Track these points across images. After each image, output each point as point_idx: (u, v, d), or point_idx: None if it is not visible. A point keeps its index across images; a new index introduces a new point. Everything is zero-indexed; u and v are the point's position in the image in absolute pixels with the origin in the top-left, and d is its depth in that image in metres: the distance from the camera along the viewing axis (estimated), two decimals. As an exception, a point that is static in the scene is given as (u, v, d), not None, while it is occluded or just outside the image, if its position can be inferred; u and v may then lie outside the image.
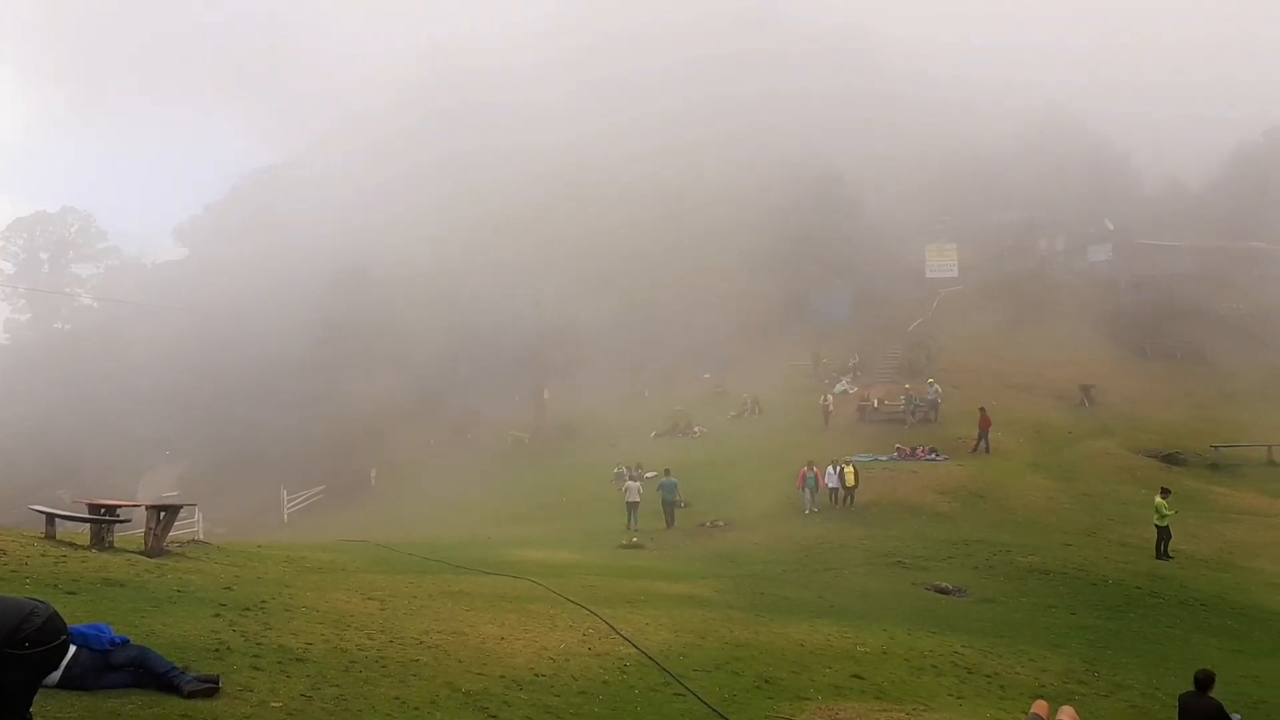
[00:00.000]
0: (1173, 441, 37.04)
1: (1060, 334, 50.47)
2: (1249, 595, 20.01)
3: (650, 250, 64.90)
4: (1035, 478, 31.30)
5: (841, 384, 45.45)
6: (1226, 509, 29.36)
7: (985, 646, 13.91)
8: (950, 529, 25.78)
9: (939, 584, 19.54)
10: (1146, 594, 19.42)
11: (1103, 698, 12.20)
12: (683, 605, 15.06)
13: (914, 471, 31.30)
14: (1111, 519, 27.38)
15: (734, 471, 35.63)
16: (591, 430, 48.89)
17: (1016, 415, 39.67)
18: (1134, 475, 32.77)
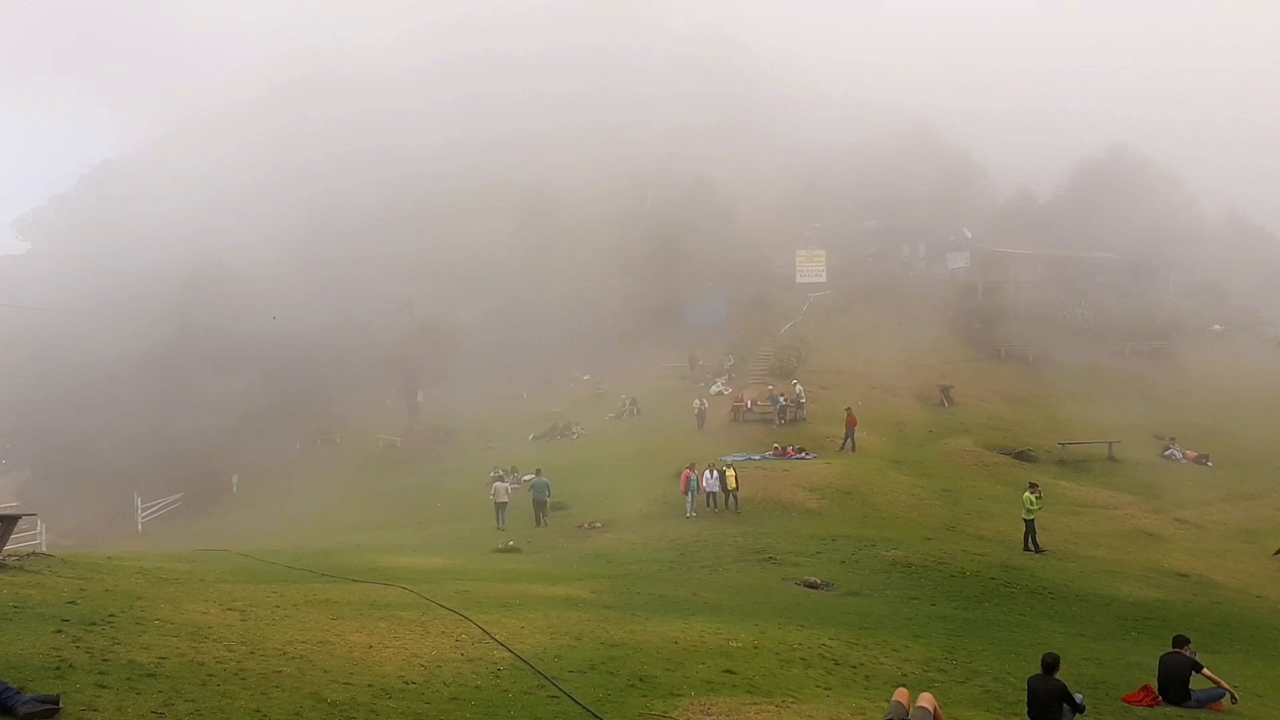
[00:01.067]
0: (1024, 439, 39.15)
1: (921, 337, 52.71)
2: (1091, 583, 21.37)
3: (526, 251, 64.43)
4: (898, 475, 32.54)
5: (717, 385, 46.20)
6: (1072, 502, 31.24)
7: (851, 638, 14.37)
8: (819, 525, 26.55)
9: (808, 579, 20.10)
10: (1000, 584, 20.47)
11: (960, 684, 12.78)
12: (559, 607, 14.98)
13: (785, 470, 32.08)
14: (969, 513, 28.74)
15: (612, 473, 35.75)
16: (467, 433, 48.20)
17: (881, 415, 41.18)
18: (989, 471, 34.53)
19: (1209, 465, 38.60)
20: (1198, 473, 37.57)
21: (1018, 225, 67.14)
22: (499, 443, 44.47)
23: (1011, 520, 27.86)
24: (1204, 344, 58.64)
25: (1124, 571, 22.92)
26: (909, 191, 66.60)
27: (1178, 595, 20.94)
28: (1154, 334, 57.65)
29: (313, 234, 68.97)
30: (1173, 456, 39.27)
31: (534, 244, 62.01)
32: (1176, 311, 62.92)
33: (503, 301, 61.20)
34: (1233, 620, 19.21)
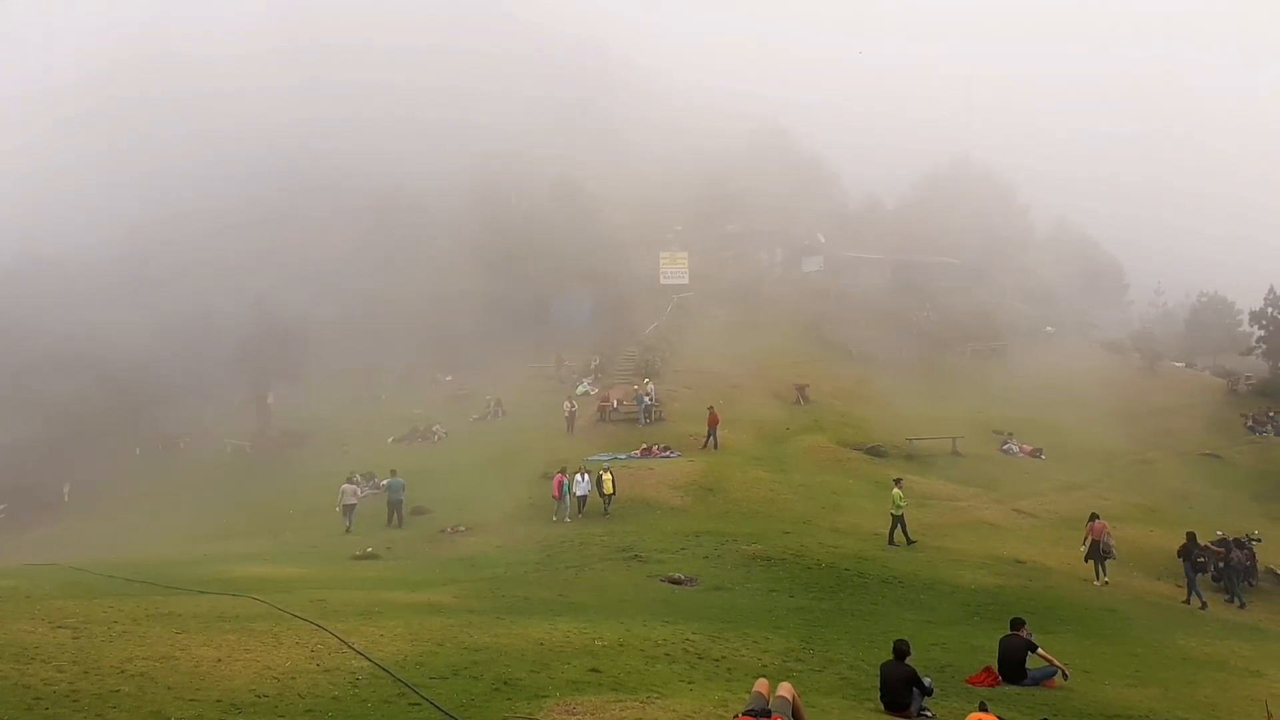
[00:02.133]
0: (875, 435, 40.80)
1: (778, 338, 54.28)
2: (938, 571, 22.43)
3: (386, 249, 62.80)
4: (758, 471, 33.34)
5: (583, 386, 46.26)
6: (920, 495, 32.67)
7: (714, 632, 14.61)
8: (683, 522, 26.92)
9: (673, 575, 20.33)
10: (854, 575, 21.24)
11: (817, 672, 13.18)
12: (420, 614, 14.63)
13: (650, 469, 32.38)
14: (824, 507, 29.71)
15: (477, 475, 35.23)
16: (323, 436, 46.54)
17: (741, 413, 42.12)
18: (843, 466, 35.82)
19: (1043, 458, 41.25)
20: (1033, 465, 40.09)
21: (868, 231, 70.14)
22: (356, 446, 43.11)
23: (864, 513, 29.08)
24: (1037, 344, 62.78)
25: (967, 560, 24.17)
26: (766, 197, 68.54)
27: (1015, 581, 22.24)
28: (992, 335, 61.24)
29: (146, 223, 64.98)
30: (1010, 450, 41.79)
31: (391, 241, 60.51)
32: (1012, 314, 67.02)
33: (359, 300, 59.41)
34: (1064, 603, 20.55)
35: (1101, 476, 38.93)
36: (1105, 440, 45.50)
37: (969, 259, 69.62)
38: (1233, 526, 29.11)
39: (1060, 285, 75.45)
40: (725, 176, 69.67)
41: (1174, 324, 76.10)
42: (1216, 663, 16.55)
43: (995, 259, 72.14)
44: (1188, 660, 16.56)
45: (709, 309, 57.81)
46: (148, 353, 55.55)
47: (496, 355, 55.18)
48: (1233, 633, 19.80)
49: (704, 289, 59.82)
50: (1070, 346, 64.54)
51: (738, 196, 69.64)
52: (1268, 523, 33.44)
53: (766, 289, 61.81)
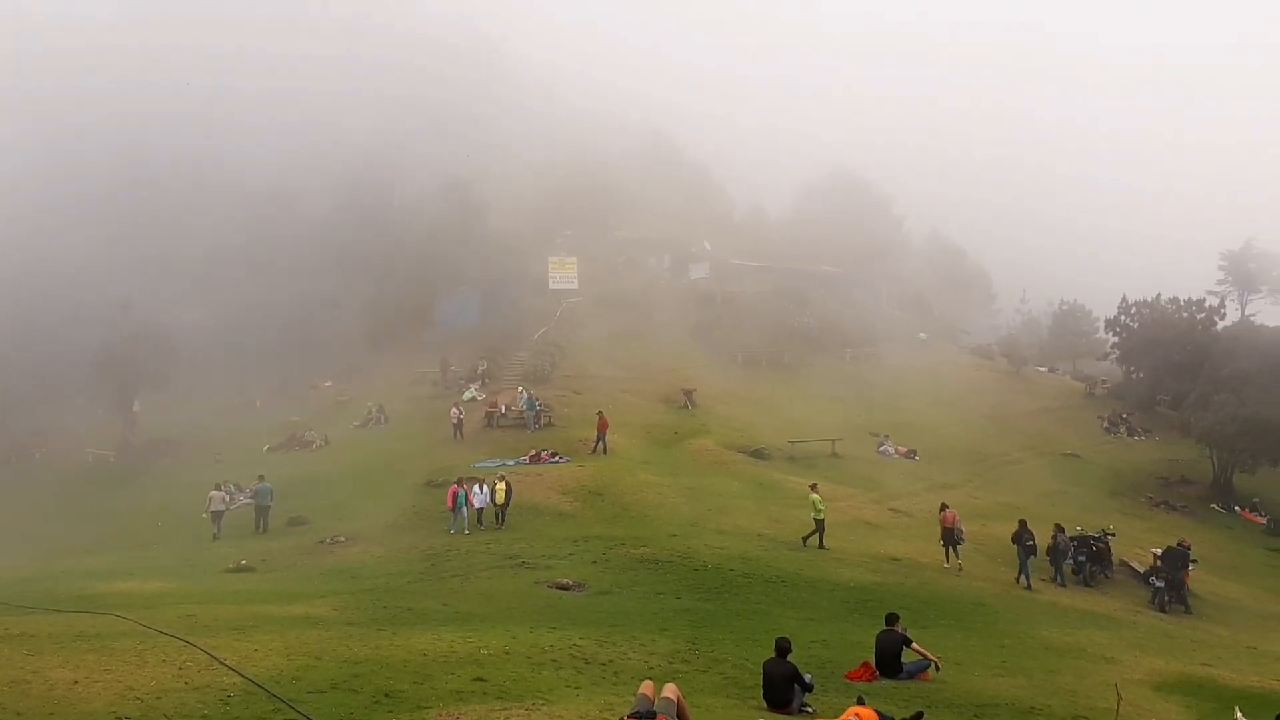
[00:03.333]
0: (759, 438, 41.57)
1: (667, 343, 54.79)
2: (819, 570, 23.01)
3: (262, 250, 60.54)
4: (646, 475, 33.53)
5: (470, 391, 45.60)
6: (802, 496, 33.30)
7: (601, 636, 14.60)
8: (572, 527, 26.83)
9: (560, 581, 20.24)
10: (739, 575, 21.56)
11: (702, 673, 13.33)
12: (297, 627, 14.13)
13: (539, 474, 32.15)
14: (711, 509, 30.09)
15: (358, 484, 34.32)
16: (194, 445, 44.52)
17: (629, 417, 42.31)
18: (729, 469, 36.36)
19: (916, 459, 42.88)
20: (907, 466, 41.62)
21: (752, 239, 71.55)
22: (231, 455, 41.39)
23: (749, 514, 29.61)
24: (911, 350, 65.26)
25: (847, 559, 24.87)
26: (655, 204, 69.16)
27: (892, 578, 23.02)
28: (870, 340, 63.32)
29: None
30: (886, 452, 43.29)
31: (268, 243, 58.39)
32: (888, 320, 69.47)
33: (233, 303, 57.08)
34: (937, 598, 21.39)
35: (972, 476, 40.74)
36: (975, 441, 47.66)
37: (848, 267, 71.83)
38: (1091, 522, 30.93)
39: (933, 293, 78.68)
40: (614, 183, 69.95)
41: (1037, 331, 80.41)
42: (1076, 651, 17.50)
43: (872, 268, 74.63)
44: (1050, 649, 17.45)
45: (598, 314, 57.88)
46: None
47: (379, 360, 53.90)
48: (1090, 622, 20.98)
49: (593, 294, 59.85)
50: (942, 352, 67.45)
51: (626, 203, 70.01)
52: (1122, 518, 35.70)
53: (655, 295, 62.27)
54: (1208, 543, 34.20)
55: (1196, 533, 34.76)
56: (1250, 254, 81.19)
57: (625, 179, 69.68)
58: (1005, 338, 78.77)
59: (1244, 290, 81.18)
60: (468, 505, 26.86)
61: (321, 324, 55.88)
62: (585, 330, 55.15)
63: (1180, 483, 44.82)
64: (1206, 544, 33.48)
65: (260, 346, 54.93)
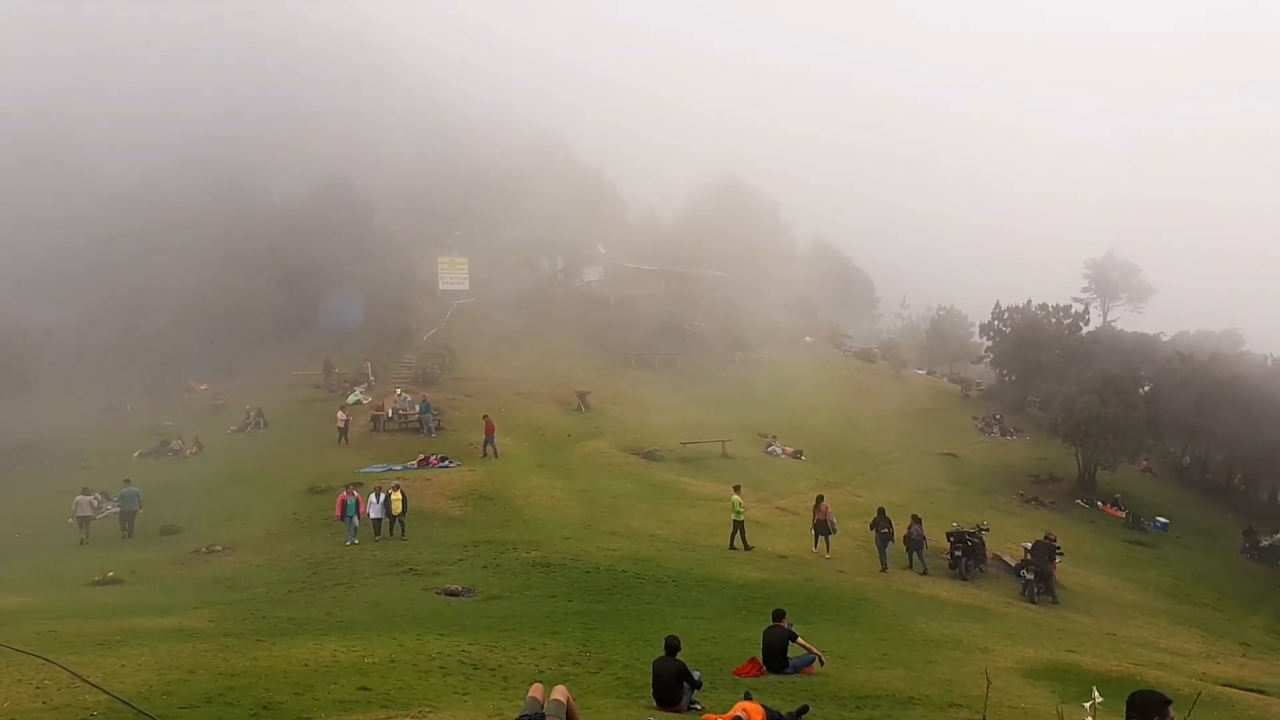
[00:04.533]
0: (651, 440, 41.87)
1: (560, 345, 54.63)
2: (709, 569, 23.29)
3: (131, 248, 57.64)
4: (539, 478, 33.35)
5: (355, 394, 44.37)
6: (693, 496, 33.92)
7: (491, 641, 14.42)
8: (462, 532, 26.44)
9: (449, 586, 19.91)
10: (631, 576, 21.64)
11: (593, 674, 13.31)
12: (169, 640, 13.47)
13: (428, 479, 31.57)
14: (604, 511, 30.14)
15: (236, 490, 33.00)
16: (56, 452, 41.85)
17: (522, 420, 42.01)
18: (622, 471, 36.49)
19: (803, 459, 43.93)
20: (794, 466, 42.60)
21: (645, 242, 72.03)
22: (98, 462, 39.13)
23: (641, 516, 29.77)
24: (798, 353, 66.87)
25: (736, 557, 25.27)
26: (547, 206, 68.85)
27: (779, 575, 23.49)
28: (758, 344, 64.57)
29: None
30: (774, 452, 44.20)
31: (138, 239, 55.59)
32: (776, 323, 71.00)
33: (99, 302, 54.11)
34: (822, 593, 21.93)
35: (855, 475, 41.98)
36: (858, 441, 49.16)
37: (737, 271, 73.10)
38: (966, 518, 32.26)
39: (818, 298, 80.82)
40: (506, 183, 69.35)
41: (916, 335, 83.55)
42: (952, 642, 18.20)
43: (760, 272, 76.15)
44: (928, 641, 18.10)
45: (490, 315, 57.24)
46: None
47: (258, 362, 51.97)
48: (966, 614, 21.86)
49: (485, 295, 59.12)
50: (827, 355, 69.35)
51: (518, 204, 69.50)
52: (995, 514, 37.34)
53: (548, 297, 62.02)
54: (1073, 536, 36.14)
55: (1063, 527, 36.71)
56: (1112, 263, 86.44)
57: (517, 180, 69.12)
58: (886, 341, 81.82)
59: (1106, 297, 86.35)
60: (359, 514, 25.59)
61: (196, 325, 53.49)
62: (476, 332, 54.46)
63: (1049, 480, 47.24)
64: (1071, 538, 35.38)
65: (130, 348, 52.20)
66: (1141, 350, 61.57)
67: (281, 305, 54.77)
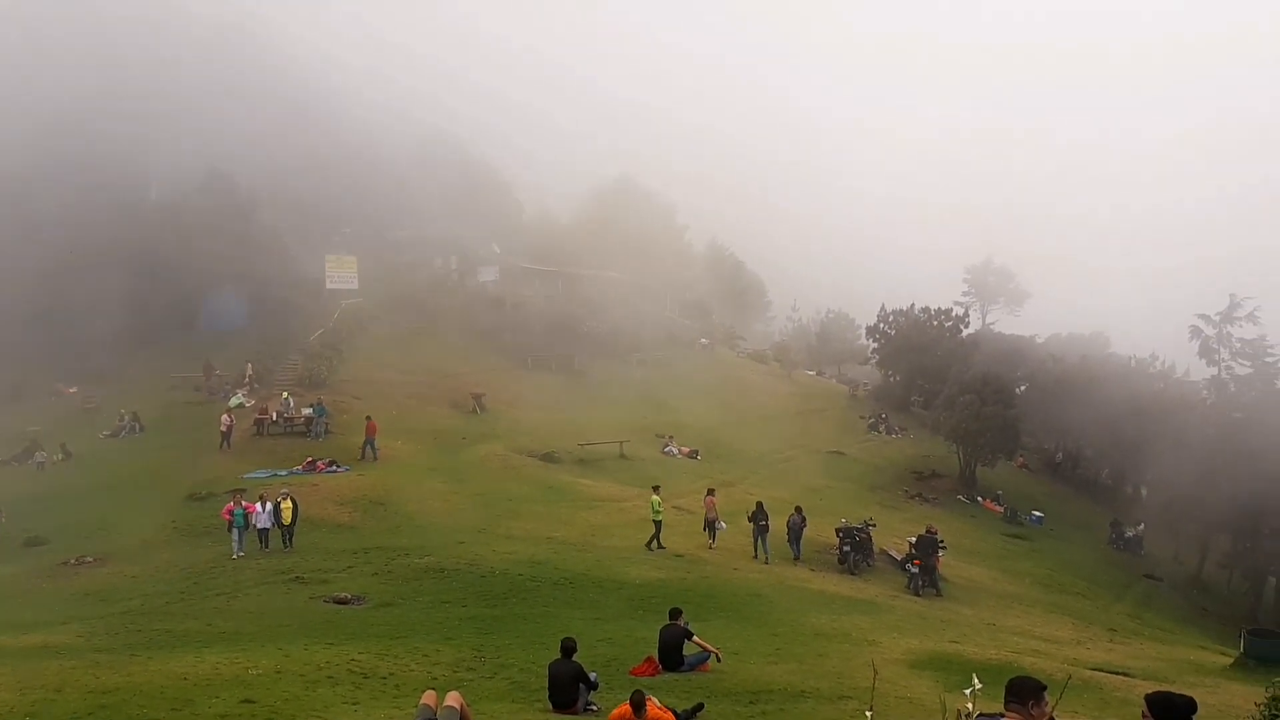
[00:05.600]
0: (549, 442, 41.65)
1: (455, 346, 53.79)
2: (606, 570, 23.31)
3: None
4: (433, 482, 32.77)
5: (237, 397, 42.68)
6: (590, 498, 33.90)
7: (382, 649, 14.09)
8: (351, 539, 25.75)
9: (338, 594, 19.37)
10: (527, 579, 21.47)
11: (488, 679, 13.15)
12: (34, 658, 12.71)
13: (315, 484, 30.61)
14: (499, 515, 29.81)
15: (108, 498, 31.30)
16: (-94, 460, 39.00)
17: (416, 423, 41.21)
18: (518, 474, 36.19)
19: (699, 459, 44.41)
20: (690, 465, 43.01)
21: (541, 243, 71.53)
22: (-47, 470, 36.63)
23: (538, 519, 29.57)
24: (693, 354, 67.64)
25: (633, 557, 25.35)
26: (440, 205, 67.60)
27: (676, 574, 23.68)
28: (655, 345, 65.00)
29: None
30: (671, 452, 44.56)
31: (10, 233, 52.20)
32: (672, 325, 71.60)
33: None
34: (717, 591, 22.21)
35: (749, 474, 42.68)
36: (751, 441, 50.01)
37: (634, 273, 73.36)
38: (854, 514, 33.16)
39: (713, 300, 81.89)
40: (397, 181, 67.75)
41: (807, 337, 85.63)
42: (842, 635, 18.68)
43: (657, 274, 76.61)
44: (819, 635, 18.53)
45: (381, 316, 55.88)
46: None
47: (132, 364, 49.52)
48: (855, 608, 22.47)
49: (375, 295, 57.62)
50: (721, 356, 70.37)
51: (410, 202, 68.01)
52: (882, 510, 38.51)
53: (442, 297, 60.95)
54: (954, 531, 37.57)
55: (945, 522, 38.14)
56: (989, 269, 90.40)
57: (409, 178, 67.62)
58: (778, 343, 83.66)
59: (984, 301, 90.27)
60: (247, 524, 24.12)
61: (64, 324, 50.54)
62: (366, 333, 53.10)
63: (932, 476, 49.02)
64: (953, 532, 36.77)
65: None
66: (1017, 352, 64.67)
67: (159, 305, 52.25)
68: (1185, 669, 20.97)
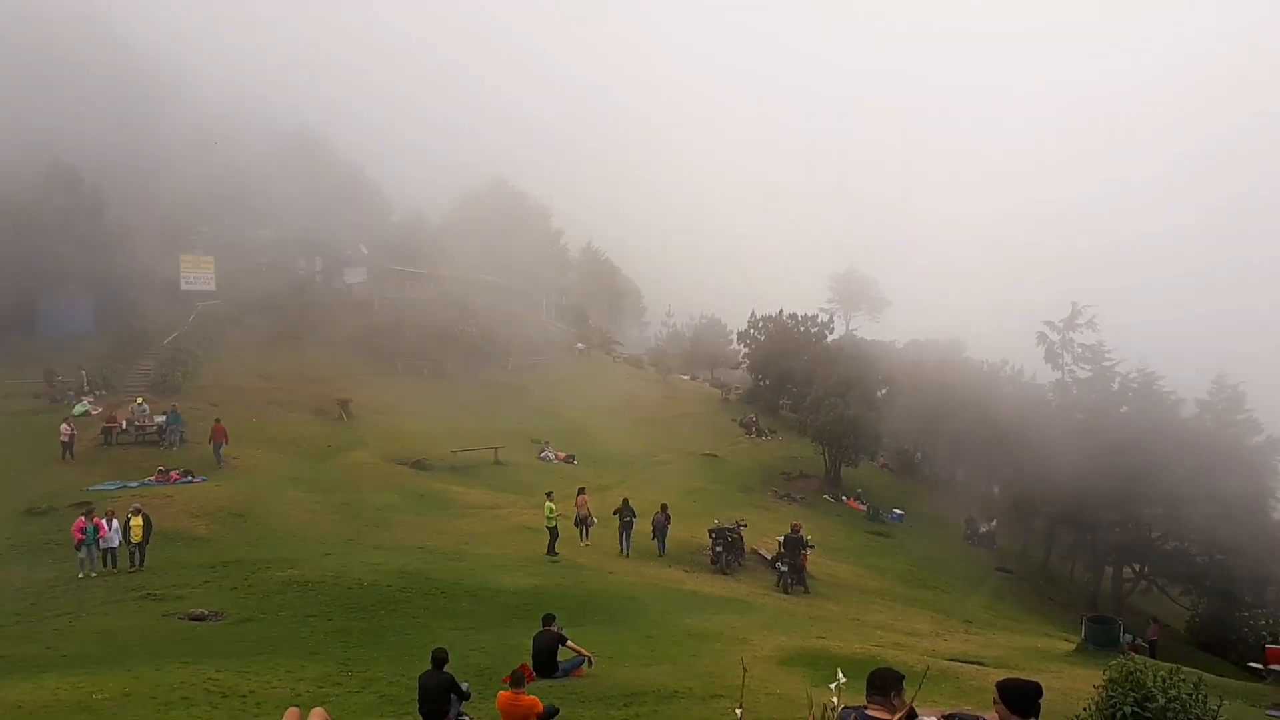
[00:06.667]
0: (420, 449, 40.81)
1: (320, 351, 52.05)
2: (480, 578, 22.94)
3: None
4: (296, 492, 31.57)
5: (83, 404, 40.01)
6: (464, 505, 33.37)
7: (241, 667, 13.47)
8: (209, 552, 24.50)
9: (194, 611, 18.41)
10: (397, 591, 20.91)
11: (355, 694, 12.74)
12: None
13: (169, 496, 29.00)
14: (368, 524, 28.99)
15: (-70, 516, 28.79)
16: None
17: (278, 431, 39.68)
18: (388, 482, 35.28)
19: (575, 463, 44.37)
20: (567, 470, 42.91)
21: (412, 245, 70.01)
22: None
23: (409, 528, 28.89)
24: (570, 359, 67.56)
25: (508, 565, 25.05)
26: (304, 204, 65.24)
27: (552, 580, 23.53)
28: (532, 350, 64.65)
29: None
30: (547, 458, 44.37)
31: None
32: (549, 330, 71.38)
33: None
34: (592, 596, 22.19)
35: (625, 477, 42.92)
36: (628, 444, 50.33)
37: (509, 277, 72.73)
38: (727, 515, 33.78)
39: (589, 305, 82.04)
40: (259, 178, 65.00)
41: (681, 342, 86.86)
42: (714, 635, 18.95)
43: (533, 278, 76.20)
44: (692, 636, 18.75)
45: (241, 319, 53.53)
46: None
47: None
48: (727, 608, 22.85)
49: (235, 297, 55.19)
50: (598, 361, 70.55)
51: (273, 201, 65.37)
52: (753, 510, 39.37)
53: (307, 299, 58.87)
54: (821, 529, 38.76)
55: (812, 521, 39.32)
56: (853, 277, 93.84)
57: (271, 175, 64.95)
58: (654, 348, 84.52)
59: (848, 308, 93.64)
60: (99, 542, 22.46)
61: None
62: (225, 337, 50.79)
63: (799, 477, 50.47)
64: (820, 530, 37.93)
65: None
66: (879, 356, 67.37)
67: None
68: (1033, 656, 22.22)
